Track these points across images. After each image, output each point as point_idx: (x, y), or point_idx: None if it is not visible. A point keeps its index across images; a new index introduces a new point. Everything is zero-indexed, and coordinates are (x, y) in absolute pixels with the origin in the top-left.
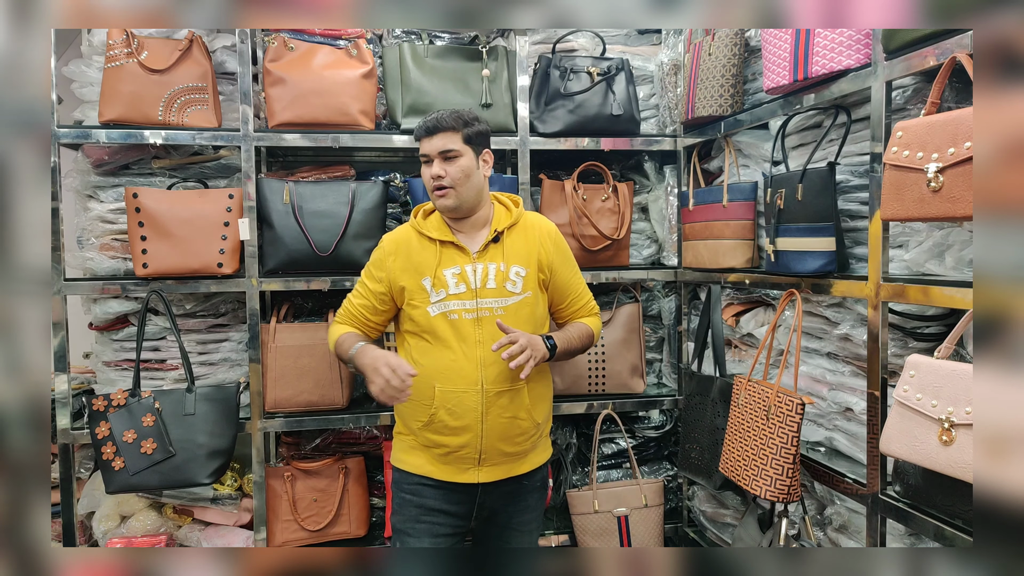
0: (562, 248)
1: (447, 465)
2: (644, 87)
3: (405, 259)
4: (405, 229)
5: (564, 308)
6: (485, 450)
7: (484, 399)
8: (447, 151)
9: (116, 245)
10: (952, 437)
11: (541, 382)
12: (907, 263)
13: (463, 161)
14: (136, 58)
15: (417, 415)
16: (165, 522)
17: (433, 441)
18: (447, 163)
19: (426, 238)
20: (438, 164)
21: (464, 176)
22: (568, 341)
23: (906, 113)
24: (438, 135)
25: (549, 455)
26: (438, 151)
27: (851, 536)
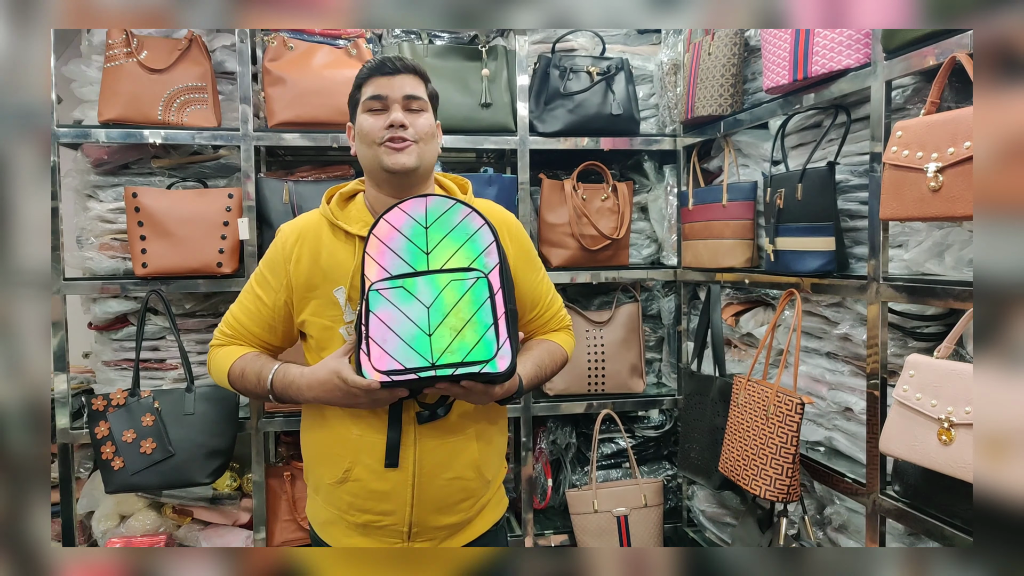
0: (525, 247)
1: (368, 537)
2: (644, 87)
3: (311, 259)
4: (312, 218)
5: (530, 322)
6: (417, 521)
7: (416, 451)
8: (414, 97)
9: (115, 245)
10: (952, 437)
11: (495, 423)
12: (907, 263)
13: (429, 117)
14: (135, 58)
15: (329, 468)
16: (164, 522)
17: (349, 504)
18: (413, 115)
19: (342, 232)
20: (399, 111)
21: (430, 134)
22: (539, 374)
23: (906, 113)
24: (403, 76)
25: (502, 511)
26: (402, 95)
27: (851, 536)
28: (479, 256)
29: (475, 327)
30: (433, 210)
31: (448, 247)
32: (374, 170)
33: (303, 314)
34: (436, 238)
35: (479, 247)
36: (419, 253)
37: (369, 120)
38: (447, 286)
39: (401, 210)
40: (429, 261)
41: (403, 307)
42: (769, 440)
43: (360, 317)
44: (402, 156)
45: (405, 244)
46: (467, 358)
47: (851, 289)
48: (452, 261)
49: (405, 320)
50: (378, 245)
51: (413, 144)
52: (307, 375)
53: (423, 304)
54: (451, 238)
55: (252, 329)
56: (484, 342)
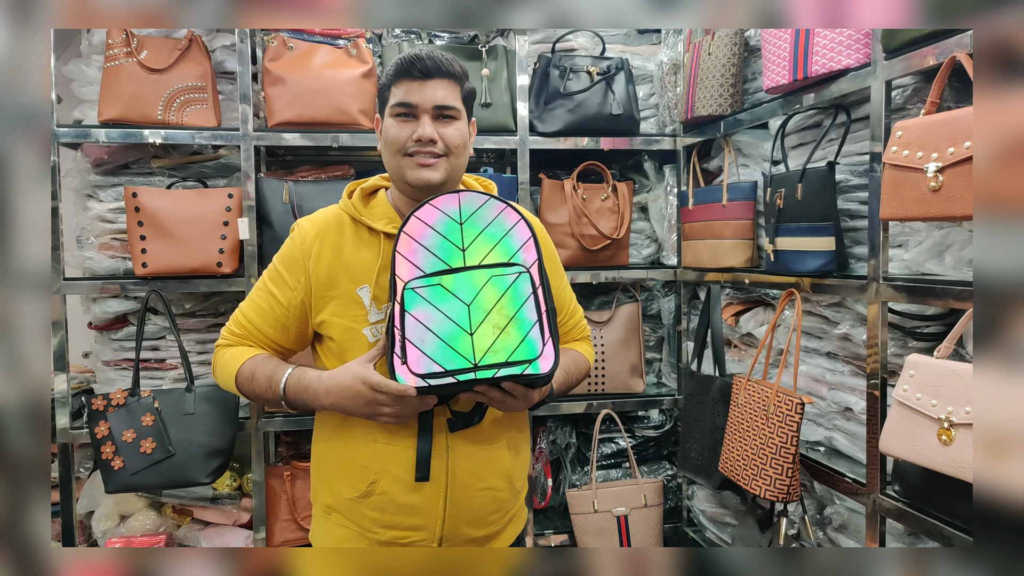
0: (551, 252)
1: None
2: (644, 86)
3: (333, 256)
4: (332, 213)
5: None
6: (448, 536)
7: (448, 461)
8: (447, 108)
9: (115, 244)
10: (951, 437)
11: (524, 431)
12: (907, 263)
13: (462, 126)
14: (135, 57)
15: (350, 483)
16: (164, 522)
17: (373, 521)
18: (444, 124)
19: (366, 229)
20: (429, 123)
21: (462, 146)
22: (567, 379)
23: (906, 113)
24: (438, 81)
25: (524, 524)
26: (434, 104)
27: (851, 536)
28: (516, 252)
29: (518, 325)
30: (467, 206)
31: (484, 244)
32: (397, 180)
33: (322, 314)
34: (471, 234)
35: (516, 243)
36: (454, 250)
37: (395, 128)
38: (487, 282)
39: (433, 206)
40: (465, 258)
41: (441, 305)
42: (769, 440)
43: (392, 319)
44: (430, 172)
45: (439, 241)
46: (511, 358)
47: (851, 289)
48: (489, 258)
49: (444, 319)
50: (410, 243)
51: (442, 158)
52: (326, 380)
53: (463, 302)
54: (487, 234)
55: (264, 329)
56: (528, 341)
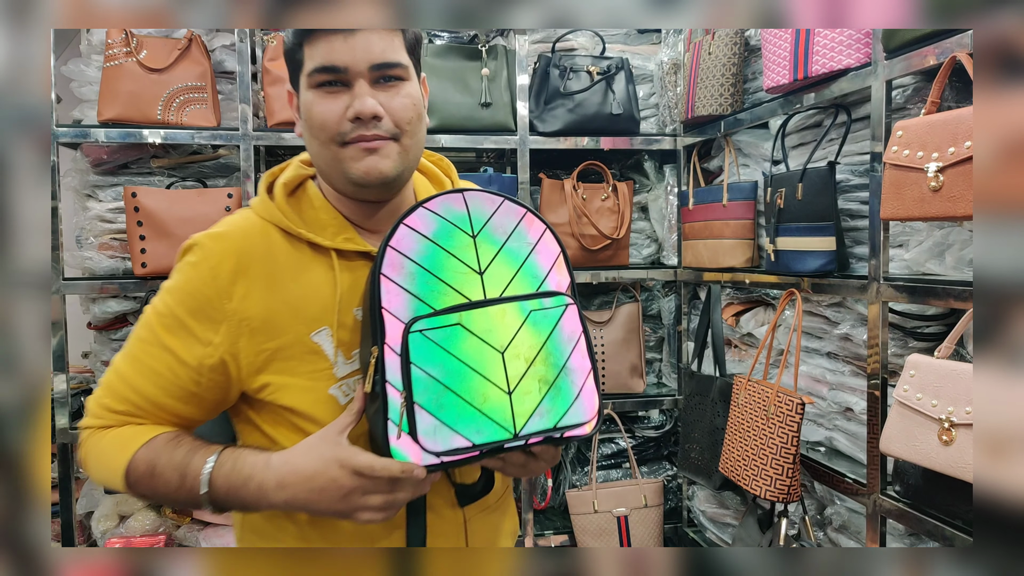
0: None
1: None
2: (644, 86)
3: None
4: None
5: None
6: None
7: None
8: (389, 66)
9: (115, 244)
10: (952, 437)
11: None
12: (907, 262)
13: (412, 90)
14: (135, 57)
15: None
16: (164, 522)
17: None
18: (387, 90)
19: (306, 245)
20: (368, 90)
21: (418, 118)
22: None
23: (906, 112)
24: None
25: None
26: (371, 63)
27: (851, 536)
28: (546, 277)
29: (571, 376)
30: (478, 210)
31: (505, 265)
32: (335, 177)
33: (263, 375)
34: (488, 251)
35: (544, 263)
36: (469, 274)
37: (321, 103)
38: (527, 320)
39: (430, 210)
40: (484, 283)
41: (465, 355)
42: (769, 440)
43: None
44: (375, 160)
45: (446, 260)
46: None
47: (852, 289)
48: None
49: (470, 374)
50: (401, 263)
51: (391, 141)
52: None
53: (495, 348)
54: (507, 252)
55: (163, 402)
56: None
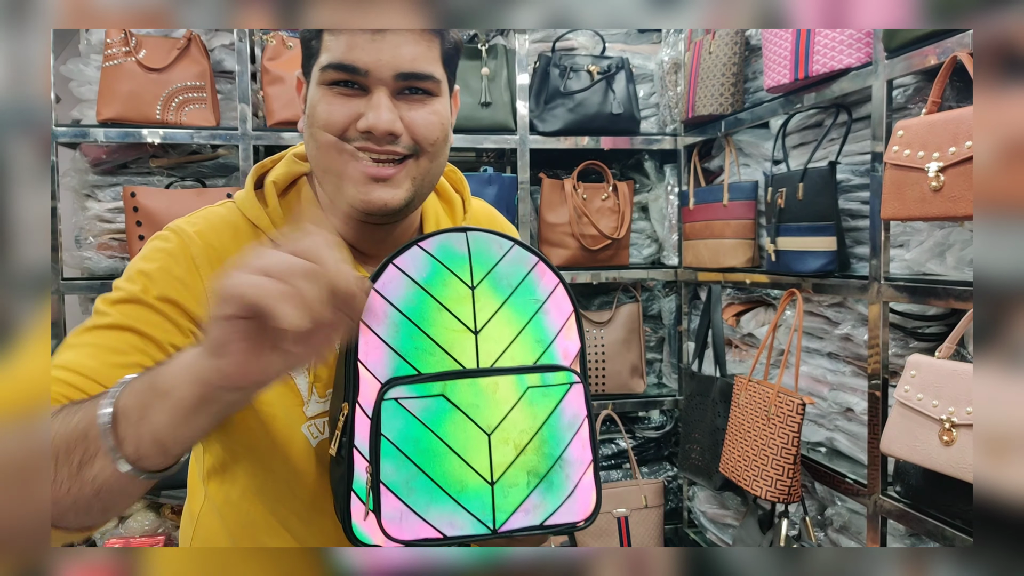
0: None
1: None
2: (644, 86)
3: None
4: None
5: None
6: None
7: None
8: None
9: (114, 244)
10: (953, 437)
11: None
12: (908, 263)
13: (442, 108)
14: (134, 57)
15: None
16: (163, 522)
17: None
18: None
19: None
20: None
21: (444, 139)
22: None
23: (907, 112)
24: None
25: None
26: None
27: (852, 537)
28: (555, 339)
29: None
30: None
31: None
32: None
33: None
34: (489, 306)
35: (554, 323)
36: (462, 331)
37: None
38: (522, 397)
39: (424, 251)
40: (479, 345)
41: (445, 433)
42: (770, 441)
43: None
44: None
45: (437, 315)
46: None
47: (852, 289)
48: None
49: (448, 456)
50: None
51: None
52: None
53: (481, 429)
54: (512, 308)
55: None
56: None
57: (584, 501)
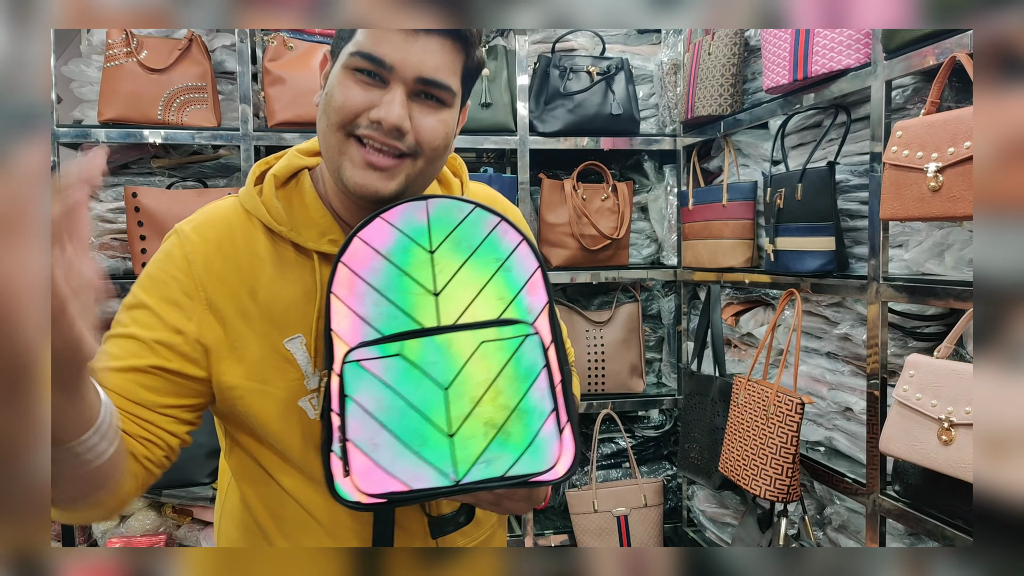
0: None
1: None
2: (644, 86)
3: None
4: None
5: None
6: None
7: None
8: (436, 85)
9: (115, 244)
10: (952, 437)
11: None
12: (907, 262)
13: (449, 118)
14: (135, 57)
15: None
16: (164, 521)
17: None
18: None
19: (290, 246)
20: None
21: (444, 146)
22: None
23: (906, 112)
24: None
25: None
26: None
27: (851, 536)
28: (518, 294)
29: (524, 419)
30: (440, 220)
31: (468, 282)
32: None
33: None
34: (448, 268)
35: (518, 279)
36: (422, 294)
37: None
38: (476, 351)
39: (388, 223)
40: (439, 307)
41: (404, 389)
42: (769, 440)
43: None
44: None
45: (400, 281)
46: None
47: (851, 289)
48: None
49: (408, 412)
50: (352, 281)
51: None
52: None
53: (437, 384)
54: (472, 267)
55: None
56: (539, 443)
57: (547, 452)
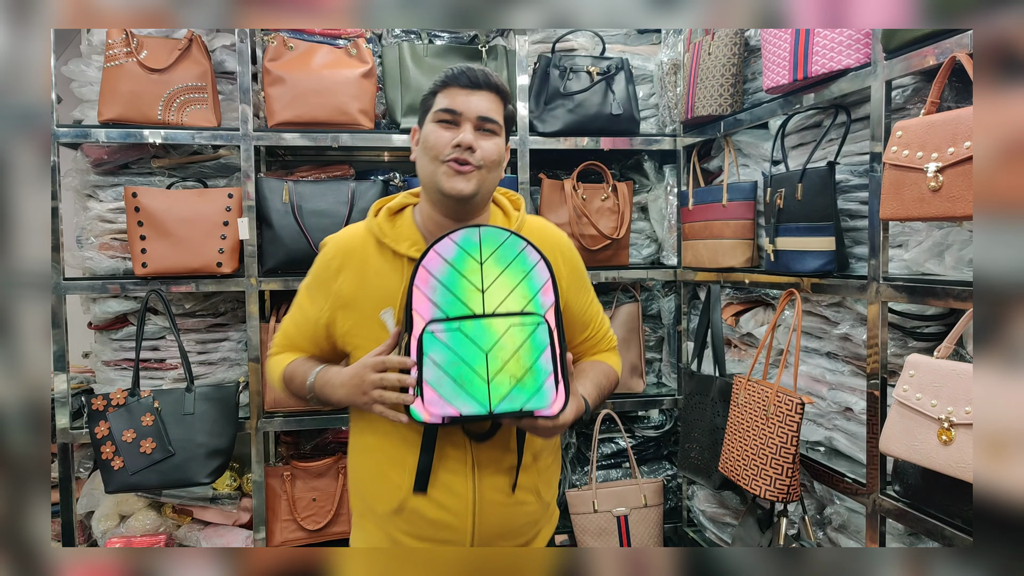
0: (578, 269)
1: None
2: (644, 86)
3: (357, 278)
4: (358, 233)
5: (580, 344)
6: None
7: (475, 479)
8: (489, 121)
9: (115, 244)
10: (951, 437)
11: (551, 441)
12: (907, 262)
13: (500, 142)
14: (135, 57)
15: (383, 496)
16: (164, 522)
17: (406, 533)
18: (484, 136)
19: (390, 251)
20: (471, 132)
21: (498, 161)
22: (599, 397)
23: (906, 112)
24: (484, 93)
25: (555, 527)
26: (477, 114)
27: (851, 536)
28: (536, 295)
29: (534, 375)
30: (488, 242)
31: (504, 284)
32: (430, 187)
33: (348, 335)
34: (492, 274)
35: (536, 285)
36: (473, 291)
37: (437, 132)
38: (507, 331)
39: (453, 241)
40: (485, 300)
41: (460, 351)
42: (769, 440)
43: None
44: (461, 181)
45: (458, 280)
46: (525, 406)
47: (851, 289)
48: (509, 300)
49: (462, 365)
50: (428, 279)
51: (476, 170)
52: (340, 372)
53: (481, 349)
54: (508, 274)
55: (299, 341)
56: (543, 391)
57: (549, 396)
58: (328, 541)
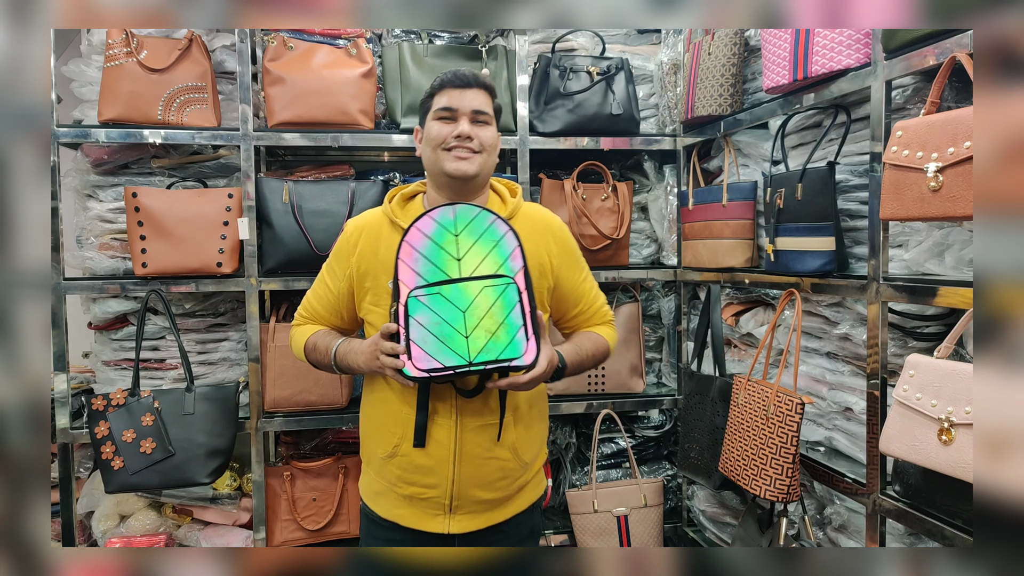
0: (569, 247)
1: (413, 508)
2: (644, 86)
3: (371, 252)
4: (375, 215)
5: (573, 318)
6: (457, 495)
7: (457, 432)
8: (481, 112)
9: (115, 244)
10: (952, 437)
11: (535, 407)
12: (907, 262)
13: (493, 130)
14: (135, 57)
15: (381, 442)
16: (164, 522)
17: (397, 477)
18: (479, 126)
19: (400, 228)
20: (467, 123)
21: (494, 145)
22: (579, 356)
23: (906, 112)
24: (474, 90)
25: (541, 492)
26: (471, 109)
27: (851, 536)
28: (506, 261)
29: (507, 329)
30: (461, 218)
31: (477, 253)
32: (436, 173)
33: (364, 303)
34: (466, 245)
35: (505, 252)
36: (451, 259)
37: (438, 127)
38: (480, 292)
39: (431, 218)
40: (461, 267)
41: (441, 312)
42: (769, 440)
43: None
44: (464, 164)
45: (436, 251)
46: (500, 356)
47: (851, 289)
48: (482, 266)
49: (443, 324)
50: (410, 251)
51: (477, 155)
52: (361, 343)
53: (459, 309)
54: (480, 244)
55: (321, 313)
56: (515, 342)
57: (520, 348)
58: (328, 541)
